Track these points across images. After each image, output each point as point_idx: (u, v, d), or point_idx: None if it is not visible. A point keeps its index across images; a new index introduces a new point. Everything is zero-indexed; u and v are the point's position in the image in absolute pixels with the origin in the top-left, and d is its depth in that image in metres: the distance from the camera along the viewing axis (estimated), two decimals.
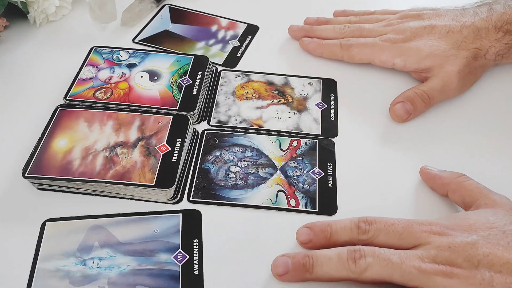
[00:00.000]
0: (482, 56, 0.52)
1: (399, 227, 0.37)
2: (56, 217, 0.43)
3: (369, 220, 0.38)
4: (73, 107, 0.50)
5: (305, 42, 0.58)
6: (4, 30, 0.60)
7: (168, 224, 0.42)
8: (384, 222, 0.37)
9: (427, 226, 0.37)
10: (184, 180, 0.46)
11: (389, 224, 0.37)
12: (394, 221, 0.37)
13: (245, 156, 0.48)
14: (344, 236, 0.38)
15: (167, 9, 0.64)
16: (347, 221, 0.39)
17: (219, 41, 0.60)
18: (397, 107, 0.50)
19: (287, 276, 0.38)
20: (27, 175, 0.43)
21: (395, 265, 0.35)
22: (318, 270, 0.37)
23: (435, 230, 0.36)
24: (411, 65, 0.53)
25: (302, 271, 0.37)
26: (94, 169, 0.44)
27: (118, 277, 0.39)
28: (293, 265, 0.38)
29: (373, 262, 0.35)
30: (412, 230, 0.37)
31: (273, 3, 0.66)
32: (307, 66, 0.57)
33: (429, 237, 0.36)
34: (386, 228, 0.37)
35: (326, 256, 0.37)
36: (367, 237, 0.37)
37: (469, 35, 0.52)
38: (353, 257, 0.36)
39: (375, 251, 0.36)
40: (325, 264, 0.37)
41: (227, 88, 0.54)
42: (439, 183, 0.44)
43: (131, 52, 0.56)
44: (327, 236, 0.39)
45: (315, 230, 0.39)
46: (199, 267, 0.40)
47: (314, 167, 0.47)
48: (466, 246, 0.35)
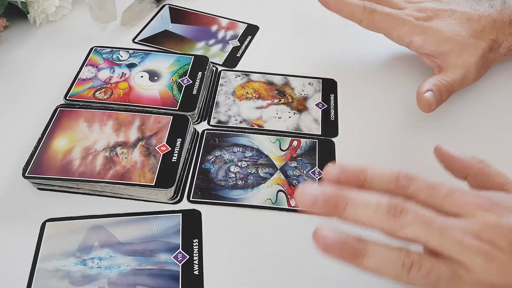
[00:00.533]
0: (496, 49, 0.51)
1: (442, 191, 0.33)
2: (56, 217, 0.43)
3: (410, 176, 0.34)
4: (73, 107, 0.50)
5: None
6: (4, 30, 0.60)
7: (168, 224, 0.42)
8: (427, 183, 0.33)
9: (472, 197, 0.33)
10: (184, 180, 0.46)
11: (432, 186, 0.33)
12: (437, 184, 0.33)
13: (245, 156, 0.48)
14: (380, 185, 0.34)
15: (167, 9, 0.64)
16: (385, 171, 0.34)
17: (219, 41, 0.60)
18: (428, 96, 0.47)
19: (312, 208, 0.32)
20: (27, 175, 0.43)
21: (437, 231, 0.31)
22: (351, 213, 0.32)
23: (481, 203, 0.33)
24: (429, 46, 0.51)
25: (332, 209, 0.32)
26: (94, 169, 0.44)
27: (118, 277, 0.39)
28: (323, 199, 0.32)
29: (413, 220, 0.31)
30: (456, 199, 0.33)
31: (273, 3, 0.66)
32: (307, 66, 0.57)
33: (474, 210, 0.32)
34: (428, 190, 0.33)
35: (363, 201, 0.32)
36: (406, 193, 0.33)
37: (487, 25, 0.51)
38: (394, 210, 0.31)
39: (418, 211, 0.32)
40: (361, 209, 0.32)
41: (227, 88, 0.54)
42: (459, 165, 0.40)
43: (131, 52, 0.56)
44: (359, 182, 0.34)
45: (347, 171, 0.34)
46: (199, 267, 0.40)
47: (314, 167, 0.47)
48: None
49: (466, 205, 0.33)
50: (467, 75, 0.50)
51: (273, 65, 0.57)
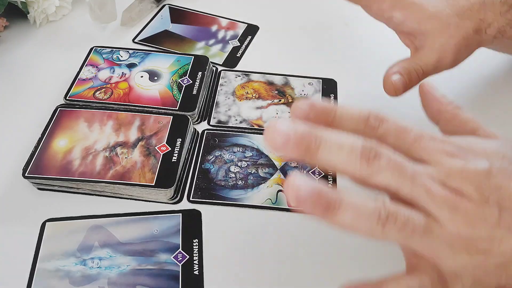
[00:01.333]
0: (483, 30, 0.47)
1: (410, 136, 0.32)
2: (56, 217, 0.43)
3: (380, 117, 0.32)
4: (73, 107, 0.50)
5: None
6: (4, 30, 0.60)
7: (168, 224, 0.42)
8: (396, 125, 0.32)
9: (440, 143, 0.32)
10: (184, 180, 0.46)
11: (401, 129, 0.32)
12: (406, 128, 0.32)
13: (245, 156, 0.48)
14: (348, 125, 0.32)
15: (167, 9, 0.64)
16: (355, 110, 0.32)
17: (219, 41, 0.60)
18: (395, 79, 0.45)
19: (282, 150, 0.30)
20: (27, 175, 0.43)
21: (407, 178, 0.30)
22: (323, 156, 0.30)
23: (449, 150, 0.32)
24: (410, 23, 0.47)
25: (304, 150, 0.30)
26: (94, 169, 0.44)
27: (118, 277, 0.39)
28: (295, 140, 0.29)
29: (387, 167, 0.30)
30: (424, 145, 0.32)
31: (273, 3, 0.66)
32: (307, 66, 0.57)
33: (442, 156, 0.31)
34: (397, 133, 0.32)
35: (338, 142, 0.30)
36: (375, 134, 0.32)
37: (475, 2, 0.47)
38: (367, 155, 0.30)
39: (391, 156, 0.30)
40: (334, 151, 0.30)
41: (227, 88, 0.54)
42: (436, 107, 0.38)
43: (131, 52, 0.56)
44: (328, 119, 0.32)
45: (316, 108, 0.32)
46: (199, 267, 0.40)
47: (314, 167, 0.47)
48: (479, 174, 0.30)
49: (433, 151, 0.32)
50: (443, 60, 0.46)
51: (273, 65, 0.57)
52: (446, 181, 0.30)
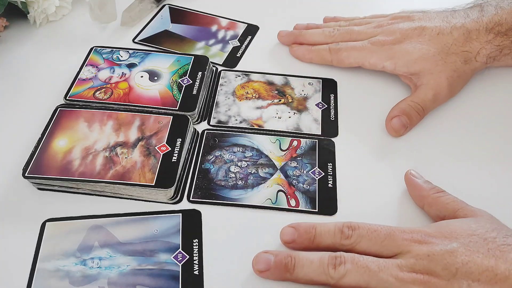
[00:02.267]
0: (473, 59, 0.51)
1: (381, 234, 0.37)
2: (56, 217, 0.43)
3: (352, 226, 0.38)
4: (73, 107, 0.50)
5: (294, 49, 0.57)
6: (4, 30, 0.60)
7: (168, 224, 0.42)
8: (367, 228, 0.38)
9: (408, 234, 0.37)
10: (184, 180, 0.46)
11: (372, 230, 0.38)
12: (377, 228, 0.38)
13: (245, 156, 0.48)
14: (327, 239, 0.38)
15: (167, 9, 0.64)
16: (331, 225, 0.39)
17: (219, 41, 0.60)
18: (394, 122, 0.49)
19: (267, 274, 0.38)
20: (27, 175, 0.43)
21: (372, 273, 0.35)
22: (299, 271, 0.37)
23: (416, 238, 0.37)
24: (401, 68, 0.52)
25: (283, 270, 0.37)
26: (94, 169, 0.44)
27: (118, 277, 0.39)
28: (275, 264, 0.38)
29: (352, 268, 0.35)
30: (394, 238, 0.37)
31: (273, 3, 0.66)
32: (307, 66, 0.57)
33: (410, 245, 0.36)
34: (369, 235, 0.37)
35: (308, 259, 0.37)
36: (349, 242, 0.38)
37: (459, 37, 0.51)
38: (333, 262, 0.36)
39: (355, 258, 0.36)
40: (306, 266, 0.37)
41: (227, 88, 0.54)
42: (418, 194, 0.43)
43: (131, 52, 0.56)
44: (310, 238, 0.39)
45: (299, 231, 0.39)
46: (199, 267, 0.40)
47: (314, 167, 0.47)
48: (445, 254, 0.35)
49: (402, 242, 0.37)
50: (439, 93, 0.50)
51: (273, 65, 0.57)
52: (415, 266, 0.35)
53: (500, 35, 0.50)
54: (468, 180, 0.46)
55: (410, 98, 0.50)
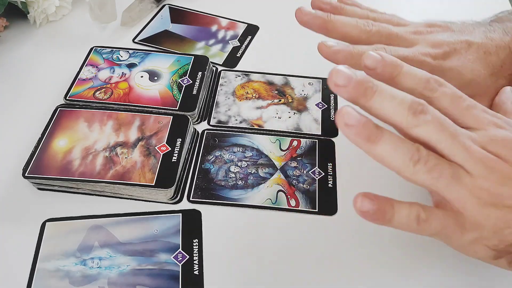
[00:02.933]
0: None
1: (465, 103, 0.35)
2: (56, 217, 0.43)
3: (440, 81, 0.35)
4: (73, 107, 0.50)
5: (332, 50, 0.43)
6: (4, 30, 0.60)
7: (168, 224, 0.42)
8: (453, 91, 0.35)
9: (490, 116, 0.35)
10: (184, 180, 0.46)
11: (458, 95, 0.35)
12: (462, 95, 0.35)
13: (245, 156, 0.48)
14: (410, 82, 0.35)
15: (167, 9, 0.64)
16: (419, 72, 0.35)
17: (219, 41, 0.60)
18: None
19: (343, 90, 0.33)
20: (27, 175, 0.43)
21: (448, 134, 0.33)
22: (377, 101, 0.33)
23: (496, 121, 0.35)
24: None
25: (362, 93, 0.33)
26: (94, 169, 0.44)
27: (118, 277, 0.39)
28: (356, 82, 0.32)
29: (431, 121, 0.33)
30: (475, 113, 0.35)
31: (273, 3, 0.66)
32: (307, 66, 0.57)
33: (488, 125, 0.34)
34: (453, 97, 0.35)
35: (391, 93, 0.33)
36: (431, 94, 0.35)
37: (506, 58, 0.44)
38: (415, 108, 0.33)
39: (436, 114, 0.33)
40: (386, 100, 0.33)
41: (227, 88, 0.54)
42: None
43: (131, 52, 0.56)
44: (394, 73, 0.35)
45: (385, 61, 0.35)
46: (199, 267, 0.40)
47: (314, 167, 0.47)
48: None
49: (482, 120, 0.35)
50: None
51: (273, 65, 0.57)
52: (487, 145, 0.33)
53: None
54: None
55: None
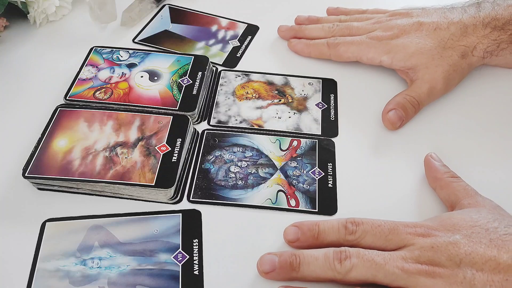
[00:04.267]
0: (470, 54, 0.52)
1: (385, 228, 0.38)
2: (56, 217, 0.43)
3: (356, 221, 0.38)
4: (73, 107, 0.50)
5: (293, 44, 0.58)
6: (4, 30, 0.60)
7: (168, 224, 0.42)
8: (371, 224, 0.38)
9: (412, 228, 0.38)
10: (184, 180, 0.46)
11: (376, 225, 0.38)
12: (380, 223, 0.38)
13: (245, 156, 0.48)
14: (331, 236, 0.39)
15: (167, 9, 0.64)
16: (334, 222, 0.39)
17: (219, 41, 0.60)
18: (390, 115, 0.49)
19: (273, 274, 0.38)
20: (27, 175, 0.43)
21: (379, 266, 0.35)
22: (305, 269, 0.37)
23: (419, 231, 0.37)
24: (398, 62, 0.52)
25: (289, 269, 0.37)
26: (94, 169, 0.44)
27: (118, 277, 0.39)
28: (280, 264, 0.38)
29: (358, 262, 0.36)
30: (398, 232, 0.37)
31: (273, 3, 0.66)
32: (307, 66, 0.57)
33: (414, 239, 0.37)
34: (373, 230, 0.38)
35: (313, 256, 0.37)
36: (354, 237, 0.38)
37: (456, 31, 0.52)
38: (339, 257, 0.36)
39: (360, 252, 0.36)
40: (312, 263, 0.37)
41: (227, 88, 0.54)
42: (433, 175, 0.44)
43: (131, 52, 0.56)
44: (314, 235, 0.39)
45: (303, 229, 0.40)
46: (199, 267, 0.40)
47: (314, 167, 0.47)
48: (448, 246, 0.35)
49: (406, 236, 0.37)
50: (434, 87, 0.51)
51: (273, 65, 0.57)
52: (419, 257, 0.35)
53: (497, 29, 0.51)
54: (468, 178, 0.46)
55: (405, 92, 0.51)
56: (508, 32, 0.51)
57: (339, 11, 0.62)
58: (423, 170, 0.46)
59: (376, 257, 0.36)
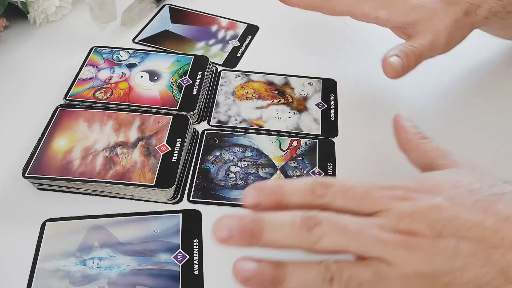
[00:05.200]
0: (473, 12, 0.47)
1: (359, 190, 0.33)
2: (56, 217, 0.43)
3: (326, 183, 0.33)
4: (73, 107, 0.50)
5: None
6: (4, 30, 0.60)
7: (168, 224, 0.42)
8: (343, 185, 0.33)
9: (389, 190, 0.33)
10: (184, 180, 0.46)
11: (348, 187, 0.33)
12: (353, 184, 0.33)
13: (245, 156, 0.48)
14: (297, 199, 0.33)
15: (167, 9, 0.64)
16: (301, 182, 0.33)
17: (219, 41, 0.60)
18: (393, 60, 0.44)
19: (230, 241, 0.32)
20: (27, 175, 0.43)
21: (352, 234, 0.31)
22: (268, 237, 0.31)
23: (397, 194, 0.32)
24: (396, 18, 0.48)
25: (249, 237, 0.32)
26: (94, 169, 0.44)
27: (118, 277, 0.39)
28: (239, 230, 0.31)
29: (329, 230, 0.31)
30: (373, 195, 0.32)
31: (273, 3, 0.66)
32: (307, 66, 0.57)
33: (391, 203, 0.32)
34: (345, 192, 0.33)
35: (277, 221, 0.31)
36: (323, 201, 0.32)
37: None
38: (307, 224, 0.31)
39: (331, 218, 0.31)
40: (276, 230, 0.31)
41: (227, 88, 0.54)
42: (402, 136, 0.40)
43: (131, 52, 0.56)
44: (278, 198, 0.33)
45: (265, 191, 0.33)
46: (199, 267, 0.40)
47: (314, 167, 0.47)
48: (429, 211, 0.31)
49: (382, 199, 0.32)
50: (437, 40, 0.46)
51: (273, 65, 0.57)
52: (397, 226, 0.31)
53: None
54: None
55: (407, 42, 0.47)
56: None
57: None
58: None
59: (349, 224, 0.31)
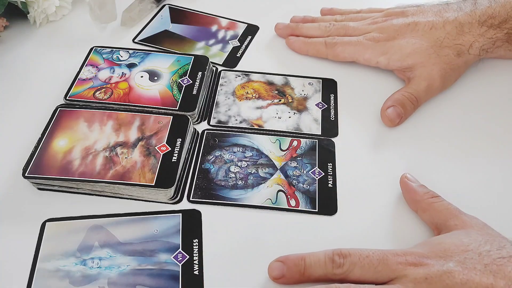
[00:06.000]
0: (466, 52, 0.52)
1: (374, 259, 0.36)
2: (56, 217, 0.43)
3: (343, 253, 0.37)
4: (73, 107, 0.50)
5: (291, 41, 0.59)
6: (4, 30, 0.60)
7: (168, 224, 0.42)
8: (359, 255, 0.36)
9: (402, 257, 0.36)
10: (184, 180, 0.46)
11: (364, 256, 0.36)
12: (368, 253, 0.36)
13: (245, 156, 0.48)
14: (318, 270, 0.37)
15: (167, 9, 0.64)
16: (321, 255, 0.37)
17: (219, 41, 0.60)
18: (389, 112, 0.50)
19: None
20: (27, 175, 0.43)
21: None
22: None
23: (410, 260, 0.36)
24: (394, 63, 0.53)
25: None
26: (94, 169, 0.44)
27: (118, 277, 0.39)
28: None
29: None
30: (388, 263, 0.36)
31: (273, 3, 0.66)
32: (307, 66, 0.57)
33: (405, 269, 0.35)
34: (361, 261, 0.36)
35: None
36: (342, 271, 0.36)
37: (452, 30, 0.52)
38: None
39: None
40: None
41: (227, 88, 0.54)
42: (412, 198, 0.43)
43: (131, 52, 0.56)
44: (300, 270, 0.37)
45: (288, 264, 0.38)
46: (199, 267, 0.40)
47: (314, 167, 0.47)
48: (442, 276, 0.34)
49: (397, 267, 0.35)
50: (432, 84, 0.51)
51: (273, 65, 0.57)
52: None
53: (493, 27, 0.51)
54: (468, 180, 0.46)
55: (404, 89, 0.51)
56: (504, 30, 0.51)
57: (334, 12, 0.62)
58: (423, 168, 0.46)
59: None
